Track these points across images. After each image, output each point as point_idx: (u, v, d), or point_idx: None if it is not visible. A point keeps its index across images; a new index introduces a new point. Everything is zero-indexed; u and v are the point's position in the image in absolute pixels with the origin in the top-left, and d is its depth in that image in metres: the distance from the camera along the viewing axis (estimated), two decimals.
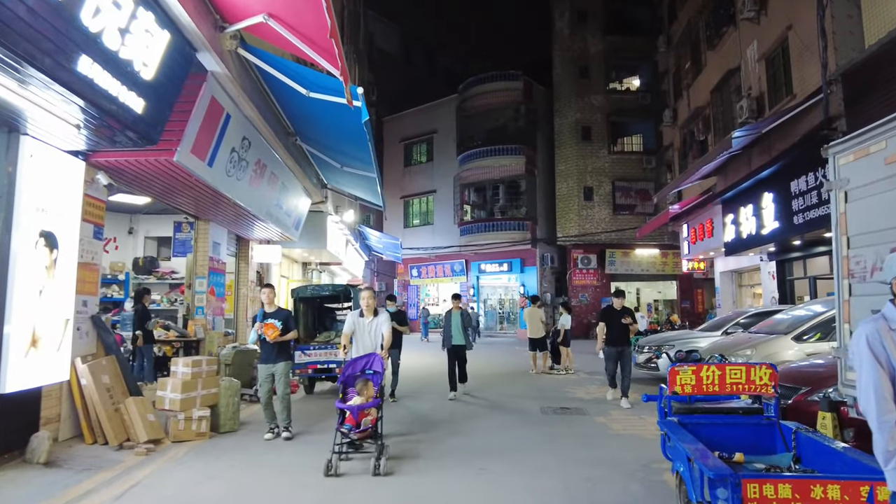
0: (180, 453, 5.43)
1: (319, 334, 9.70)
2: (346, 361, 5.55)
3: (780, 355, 6.76)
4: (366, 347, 5.87)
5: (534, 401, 8.62)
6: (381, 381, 5.37)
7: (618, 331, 8.36)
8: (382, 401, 5.32)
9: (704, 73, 16.66)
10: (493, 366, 14.54)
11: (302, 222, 11.83)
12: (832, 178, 3.80)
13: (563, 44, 25.91)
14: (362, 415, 5.01)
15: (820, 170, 10.18)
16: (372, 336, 5.91)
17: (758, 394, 3.74)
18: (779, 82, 12.37)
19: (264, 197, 8.91)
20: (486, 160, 26.29)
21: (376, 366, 5.43)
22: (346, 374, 5.40)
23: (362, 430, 4.89)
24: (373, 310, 5.97)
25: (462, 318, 9.27)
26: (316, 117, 7.60)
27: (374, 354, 5.54)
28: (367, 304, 5.97)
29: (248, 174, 7.81)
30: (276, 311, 6.45)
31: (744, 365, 3.76)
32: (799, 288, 14.38)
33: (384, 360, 5.49)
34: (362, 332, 5.93)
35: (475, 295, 28.21)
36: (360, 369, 5.41)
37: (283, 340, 6.32)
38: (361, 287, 9.19)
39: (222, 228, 10.17)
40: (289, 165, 9.38)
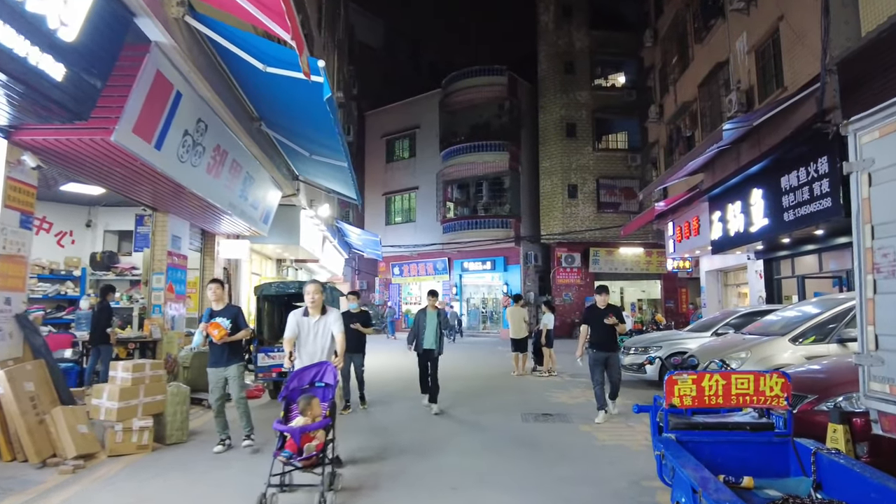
0: (113, 471, 4.79)
1: None
2: (292, 371, 4.68)
3: (777, 358, 6.31)
4: (311, 355, 4.85)
5: (514, 406, 8.09)
6: (333, 396, 4.37)
7: (603, 333, 7.16)
8: (334, 421, 4.29)
9: (692, 67, 16.30)
10: (473, 367, 14.01)
11: (271, 216, 11.19)
12: (853, 159, 3.31)
13: (548, 38, 25.48)
14: (305, 438, 4.00)
15: (812, 164, 9.82)
16: (319, 340, 4.90)
17: (768, 407, 3.24)
18: (769, 75, 12.00)
19: (226, 187, 8.27)
20: (470, 156, 25.77)
21: (327, 377, 4.46)
22: (289, 387, 4.36)
23: (305, 457, 3.89)
24: (320, 307, 4.97)
25: (438, 318, 8.15)
26: (279, 99, 6.99)
27: (325, 364, 4.54)
28: (312, 300, 4.94)
29: (205, 161, 7.17)
30: (224, 308, 5.85)
31: (752, 373, 3.25)
32: (786, 287, 14.08)
33: (337, 370, 4.55)
34: (307, 334, 4.91)
35: (458, 294, 27.68)
36: (309, 381, 4.45)
37: (233, 341, 5.71)
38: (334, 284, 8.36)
39: (183, 221, 9.50)
40: (254, 154, 8.74)
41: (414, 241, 28.12)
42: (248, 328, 5.99)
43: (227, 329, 5.61)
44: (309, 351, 4.91)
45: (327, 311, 5.03)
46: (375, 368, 13.13)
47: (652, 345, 9.37)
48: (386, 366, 13.58)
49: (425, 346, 8.06)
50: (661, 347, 9.21)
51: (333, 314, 5.03)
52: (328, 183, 11.10)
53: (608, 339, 7.23)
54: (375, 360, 15.35)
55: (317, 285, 5.08)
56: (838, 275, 12.40)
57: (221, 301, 6.02)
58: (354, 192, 9.54)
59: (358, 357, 8.09)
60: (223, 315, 5.85)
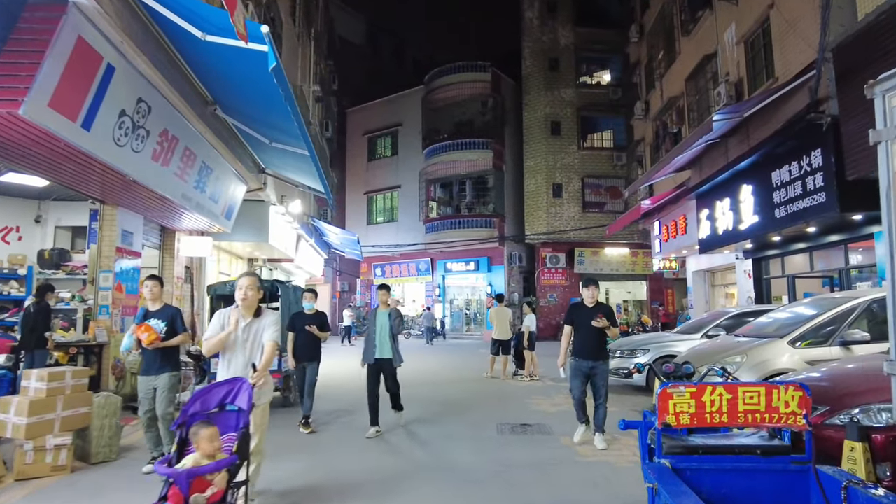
0: (13, 499, 4.09)
1: None
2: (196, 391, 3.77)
3: (775, 362, 5.79)
4: (236, 367, 3.88)
5: (490, 415, 7.47)
6: (246, 424, 3.32)
7: (589, 337, 5.78)
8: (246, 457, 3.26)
9: (679, 61, 15.86)
10: (450, 370, 13.43)
11: (235, 211, 10.48)
12: (881, 126, 2.74)
13: (533, 35, 25.00)
14: (198, 484, 2.87)
15: (805, 158, 9.38)
16: (249, 349, 3.95)
17: (783, 426, 2.66)
18: (759, 66, 11.56)
19: (178, 177, 7.56)
20: (453, 154, 25.18)
21: (240, 399, 3.41)
22: (187, 411, 3.31)
23: None
24: (253, 307, 4.03)
25: (391, 320, 6.65)
26: (230, 77, 6.33)
27: (240, 381, 3.50)
28: (244, 296, 3.97)
29: (149, 147, 6.47)
30: (160, 309, 5.19)
31: (763, 385, 2.67)
32: (776, 287, 13.68)
33: (254, 389, 3.50)
34: (234, 341, 3.91)
35: (441, 295, 27.07)
36: (217, 404, 3.41)
37: (168, 346, 5.04)
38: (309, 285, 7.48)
39: (136, 215, 8.78)
40: (210, 141, 8.04)
41: (396, 242, 27.46)
42: (185, 332, 5.32)
43: (159, 333, 4.95)
44: (237, 363, 3.93)
45: (262, 314, 4.12)
46: (340, 375, 12.50)
47: (639, 348, 8.81)
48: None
49: (377, 355, 6.57)
50: (649, 350, 8.65)
51: (269, 317, 4.11)
52: (296, 176, 10.42)
53: (595, 346, 5.83)
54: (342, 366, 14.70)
55: (251, 279, 4.11)
56: (829, 274, 12.01)
57: (158, 301, 5.35)
58: (322, 186, 8.86)
59: (312, 367, 6.94)
60: (158, 317, 5.20)
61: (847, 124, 8.06)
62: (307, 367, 6.94)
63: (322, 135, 21.16)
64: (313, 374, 6.93)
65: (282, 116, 6.11)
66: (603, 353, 5.88)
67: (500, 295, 12.58)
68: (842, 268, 10.95)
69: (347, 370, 13.60)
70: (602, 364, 5.83)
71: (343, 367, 14.48)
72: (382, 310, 6.74)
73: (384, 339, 6.59)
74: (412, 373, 12.60)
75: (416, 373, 12.79)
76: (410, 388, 10.10)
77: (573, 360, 5.93)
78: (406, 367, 13.68)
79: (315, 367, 6.98)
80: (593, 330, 5.74)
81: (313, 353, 6.98)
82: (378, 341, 6.59)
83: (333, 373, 13.02)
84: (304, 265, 19.88)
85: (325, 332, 7.07)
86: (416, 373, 12.79)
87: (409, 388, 10.06)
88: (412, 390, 9.94)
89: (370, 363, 6.59)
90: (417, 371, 13.14)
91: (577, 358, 5.88)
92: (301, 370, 7.03)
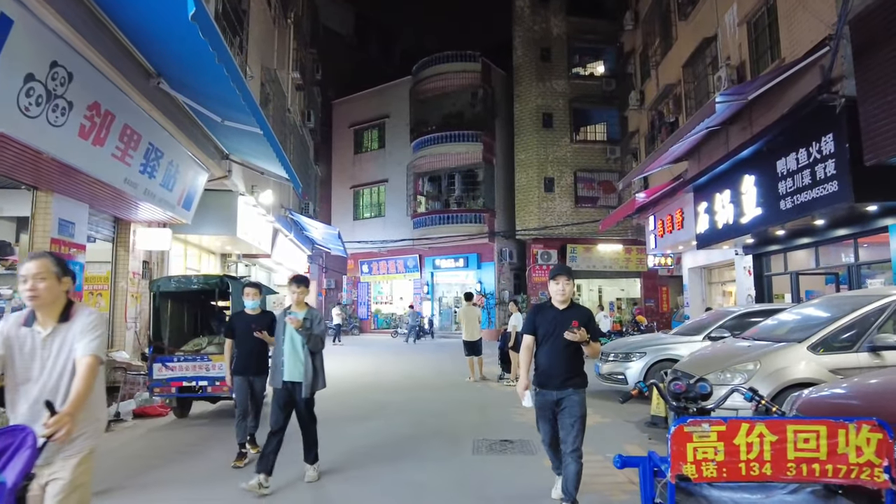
0: None
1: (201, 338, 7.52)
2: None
3: (793, 371, 5.01)
4: (36, 398, 2.43)
5: (468, 427, 6.65)
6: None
7: (556, 355, 3.93)
8: None
9: (675, 47, 15.10)
10: (432, 373, 12.61)
11: (195, 200, 9.60)
12: None
13: (524, 24, 24.15)
14: None
15: (815, 144, 8.61)
16: (50, 370, 2.47)
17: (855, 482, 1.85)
18: (763, 47, 10.80)
19: (118, 159, 6.69)
20: (442, 147, 24.33)
21: (16, 464, 2.14)
22: None
23: None
24: (59, 310, 2.52)
25: (313, 323, 4.75)
26: (167, 41, 5.47)
27: (21, 432, 2.20)
28: (31, 292, 2.43)
29: (74, 121, 5.61)
30: None
31: (823, 423, 1.86)
32: (777, 285, 12.96)
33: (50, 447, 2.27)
34: (25, 359, 2.48)
35: (429, 292, 26.25)
36: None
37: None
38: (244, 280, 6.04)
39: (79, 203, 7.88)
40: (158, 121, 7.18)
41: (383, 237, 26.60)
42: None
43: None
44: (32, 392, 2.46)
45: (73, 315, 2.55)
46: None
47: (634, 350, 8.00)
48: (338, 377, 12.09)
49: (285, 376, 4.72)
50: (646, 354, 7.86)
51: (84, 319, 2.53)
52: (263, 163, 9.56)
53: (565, 369, 3.91)
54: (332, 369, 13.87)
55: (41, 263, 2.48)
56: (835, 271, 11.30)
57: None
58: (285, 169, 7.99)
59: (259, 381, 5.54)
60: None
61: (865, 104, 7.30)
62: (253, 382, 5.53)
63: (304, 125, 20.27)
64: (261, 389, 5.59)
65: (223, 85, 5.25)
66: (576, 379, 3.90)
67: (468, 293, 11.91)
68: (851, 264, 10.22)
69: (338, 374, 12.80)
70: (574, 394, 3.85)
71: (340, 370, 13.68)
72: (298, 310, 4.81)
73: (295, 353, 4.73)
74: (387, 376, 11.83)
75: (391, 376, 11.99)
76: (382, 394, 9.35)
77: (535, 391, 4.02)
78: (382, 371, 12.90)
79: (263, 383, 5.56)
80: (563, 345, 3.82)
81: (260, 364, 5.51)
82: (287, 357, 4.73)
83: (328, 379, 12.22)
84: (285, 261, 18.99)
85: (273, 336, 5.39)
86: (391, 376, 11.99)
87: (380, 395, 9.33)
88: (383, 396, 9.14)
89: (277, 387, 4.75)
90: (393, 374, 12.34)
91: (540, 388, 3.97)
92: (244, 387, 5.51)
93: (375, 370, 13.10)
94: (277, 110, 14.34)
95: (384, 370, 13.12)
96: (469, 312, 11.17)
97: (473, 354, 11.04)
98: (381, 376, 11.97)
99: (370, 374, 12.28)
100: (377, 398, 8.92)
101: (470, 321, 11.04)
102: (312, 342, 4.73)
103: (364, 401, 8.69)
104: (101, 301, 9.52)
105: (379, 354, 17.13)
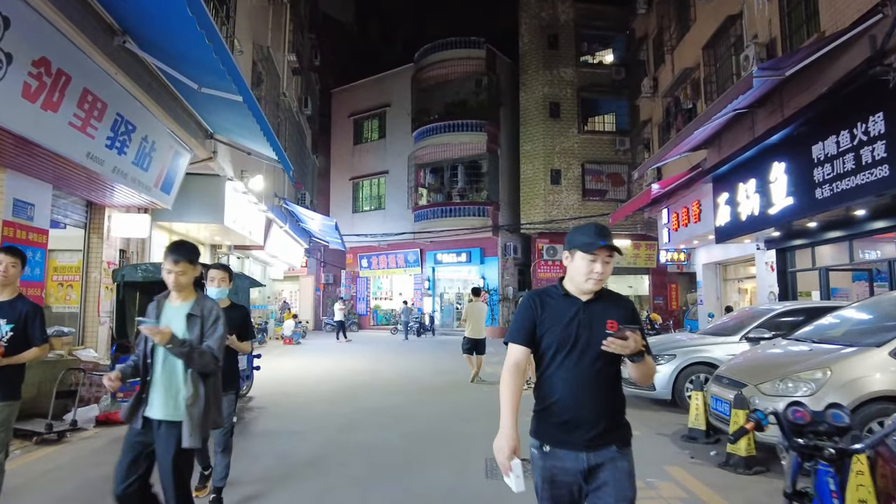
0: None
1: None
2: None
3: (872, 382, 4.17)
4: None
5: (477, 440, 5.77)
6: None
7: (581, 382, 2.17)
8: None
9: (694, 28, 14.22)
10: (430, 372, 11.78)
11: (175, 184, 8.76)
12: None
13: (531, 10, 23.24)
14: None
15: (860, 125, 7.75)
16: None
17: None
18: (798, 21, 9.94)
19: (77, 129, 5.84)
20: (444, 136, 23.44)
21: None
22: None
23: None
24: None
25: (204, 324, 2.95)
26: None
27: None
28: None
29: (14, 78, 4.75)
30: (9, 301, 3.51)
31: None
32: (802, 282, 12.12)
33: None
34: None
35: (430, 288, 25.40)
36: None
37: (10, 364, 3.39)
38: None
39: (41, 183, 7.04)
40: (127, 88, 6.34)
41: (383, 231, 25.73)
42: (43, 345, 3.60)
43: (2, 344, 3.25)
44: None
45: None
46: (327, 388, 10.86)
47: (661, 353, 7.11)
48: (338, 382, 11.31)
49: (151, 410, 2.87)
50: (675, 356, 7.00)
51: None
52: (249, 142, 8.70)
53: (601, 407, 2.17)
54: (336, 367, 13.04)
55: None
56: (871, 266, 10.48)
57: (9, 289, 3.60)
58: (271, 145, 7.13)
59: (227, 400, 4.00)
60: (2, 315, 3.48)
61: None
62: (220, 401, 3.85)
63: (301, 112, 19.41)
64: (229, 410, 4.08)
65: (197, 44, 4.40)
66: (621, 429, 2.22)
67: (476, 288, 11.17)
68: (892, 258, 9.38)
69: (332, 375, 11.97)
70: (620, 457, 2.17)
71: (334, 369, 12.85)
72: (175, 305, 2.98)
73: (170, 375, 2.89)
74: (384, 377, 11.00)
75: (388, 376, 11.16)
76: (377, 398, 8.47)
77: (537, 454, 2.24)
78: (379, 370, 12.02)
79: (231, 402, 4.13)
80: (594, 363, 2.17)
81: (229, 375, 3.94)
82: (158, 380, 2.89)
83: (321, 380, 11.42)
84: (280, 254, 18.18)
85: (244, 339, 4.21)
86: (388, 376, 11.16)
87: (375, 399, 8.39)
88: (379, 401, 8.28)
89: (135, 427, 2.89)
90: (391, 374, 11.50)
91: (552, 447, 2.20)
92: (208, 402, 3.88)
93: (372, 369, 12.28)
94: (270, 91, 13.49)
95: (381, 369, 12.30)
96: (475, 309, 10.46)
97: (477, 353, 10.36)
98: (377, 376, 11.14)
99: (366, 374, 11.46)
100: (372, 403, 8.08)
101: (476, 318, 10.35)
102: (197, 362, 2.82)
103: (357, 406, 7.84)
104: (72, 293, 8.71)
105: (376, 352, 16.31)
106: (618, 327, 2.12)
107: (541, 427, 2.24)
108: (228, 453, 4.09)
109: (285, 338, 18.91)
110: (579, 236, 2.25)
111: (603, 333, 2.11)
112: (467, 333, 10.34)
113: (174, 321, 2.90)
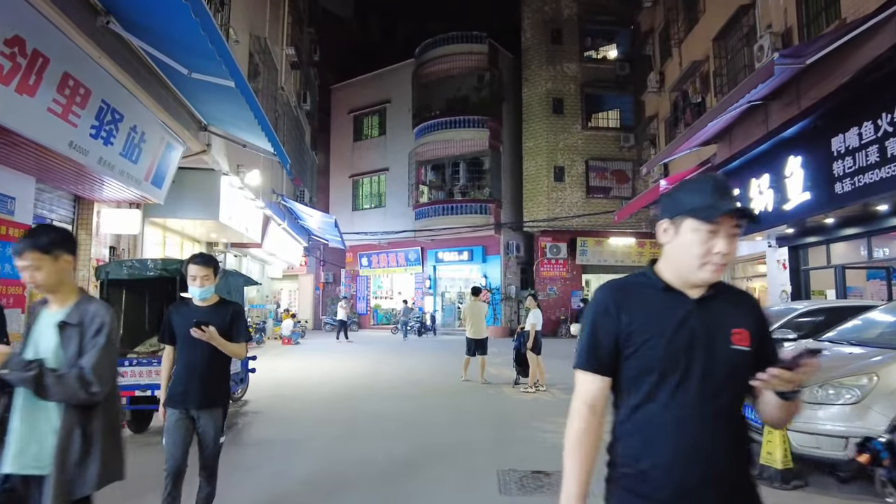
0: None
1: None
2: None
3: None
4: None
5: (486, 450, 5.36)
6: None
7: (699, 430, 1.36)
8: None
9: (703, 20, 13.85)
10: (433, 374, 11.41)
11: (167, 178, 8.38)
12: None
13: (533, 4, 22.87)
14: None
15: (885, 115, 7.38)
16: None
17: None
18: (815, 9, 9.57)
19: (57, 116, 5.46)
20: (446, 133, 23.06)
21: None
22: None
23: None
24: None
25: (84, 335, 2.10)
26: None
27: None
28: None
29: None
30: None
31: None
32: (816, 280, 11.76)
33: None
34: None
35: (431, 287, 25.02)
36: None
37: None
38: None
39: (23, 175, 6.68)
40: (113, 73, 5.96)
41: (384, 229, 25.36)
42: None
43: None
44: None
45: None
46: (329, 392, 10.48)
47: None
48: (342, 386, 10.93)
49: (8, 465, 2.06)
50: None
51: None
52: (244, 134, 8.33)
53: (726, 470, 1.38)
54: (338, 368, 12.65)
55: None
56: (883, 265, 10.13)
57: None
58: (267, 135, 6.75)
59: (209, 419, 3.35)
60: None
61: None
62: (199, 417, 3.34)
63: (299, 106, 19.04)
64: (213, 438, 3.37)
65: (185, 24, 4.02)
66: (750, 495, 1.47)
67: (476, 288, 10.87)
68: None
69: (330, 377, 11.58)
70: None
71: (334, 371, 12.47)
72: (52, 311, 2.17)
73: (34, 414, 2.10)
74: (385, 378, 10.61)
75: (389, 378, 10.78)
76: (377, 402, 8.05)
77: None
78: (379, 371, 11.63)
79: (218, 419, 3.39)
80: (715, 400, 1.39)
81: (210, 388, 3.34)
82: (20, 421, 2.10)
83: (320, 383, 11.05)
84: (278, 252, 17.80)
85: (240, 341, 3.43)
86: (389, 378, 10.78)
87: (375, 402, 7.97)
88: (378, 405, 7.88)
89: None
90: (391, 376, 11.13)
91: None
92: (178, 429, 3.29)
93: (373, 370, 11.91)
94: (268, 85, 13.11)
95: (381, 370, 11.92)
96: (475, 308, 10.21)
97: (480, 353, 10.05)
98: (378, 378, 10.76)
99: (366, 376, 11.09)
100: (372, 408, 7.70)
101: (476, 318, 10.10)
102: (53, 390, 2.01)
103: (357, 412, 7.45)
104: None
105: (377, 353, 15.93)
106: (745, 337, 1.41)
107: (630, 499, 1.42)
108: (213, 480, 3.41)
109: (284, 338, 18.55)
110: (691, 196, 1.45)
111: (728, 350, 1.40)
112: (468, 334, 10.12)
113: (45, 333, 2.13)
